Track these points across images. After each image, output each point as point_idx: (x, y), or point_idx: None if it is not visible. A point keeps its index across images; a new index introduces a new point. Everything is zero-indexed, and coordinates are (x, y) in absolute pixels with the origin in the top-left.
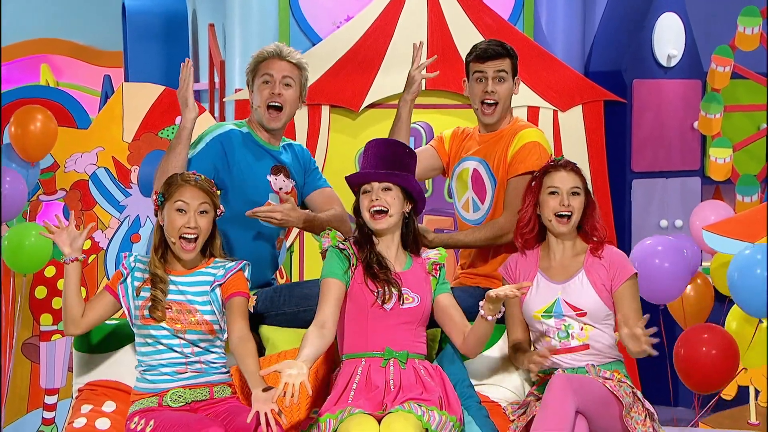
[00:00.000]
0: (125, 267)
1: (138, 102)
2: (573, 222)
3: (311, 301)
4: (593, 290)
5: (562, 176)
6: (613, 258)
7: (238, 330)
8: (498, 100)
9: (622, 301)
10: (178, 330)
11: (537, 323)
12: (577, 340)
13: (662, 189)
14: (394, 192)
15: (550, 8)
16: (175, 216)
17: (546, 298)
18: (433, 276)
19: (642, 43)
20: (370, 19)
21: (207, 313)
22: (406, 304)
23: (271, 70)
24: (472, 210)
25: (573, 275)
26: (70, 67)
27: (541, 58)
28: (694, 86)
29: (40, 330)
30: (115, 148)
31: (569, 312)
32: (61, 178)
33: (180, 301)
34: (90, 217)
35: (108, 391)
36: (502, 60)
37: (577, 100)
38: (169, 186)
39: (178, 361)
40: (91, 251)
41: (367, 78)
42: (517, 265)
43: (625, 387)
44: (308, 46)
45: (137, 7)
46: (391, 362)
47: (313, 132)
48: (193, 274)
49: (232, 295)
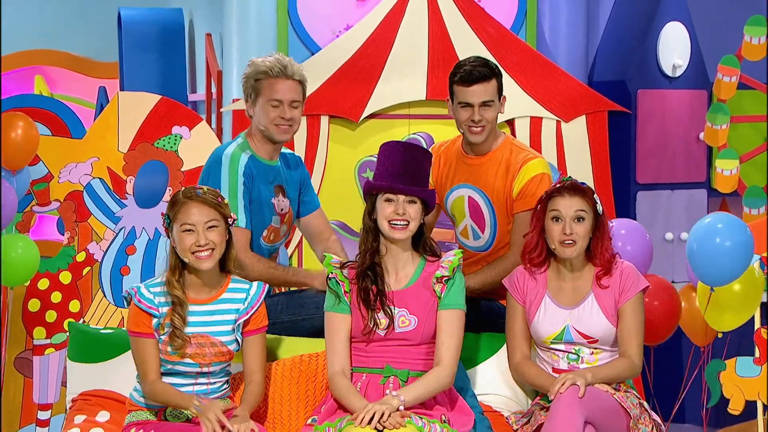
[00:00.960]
0: (152, 307)
1: (134, 111)
2: (578, 248)
3: (310, 309)
4: (603, 316)
5: (565, 202)
6: (623, 273)
7: (253, 372)
8: (485, 125)
9: (622, 317)
10: (204, 364)
11: (545, 347)
12: (587, 364)
13: (667, 201)
14: (418, 205)
15: (553, 17)
16: (184, 236)
17: (555, 324)
18: (437, 294)
19: (647, 52)
20: (370, 28)
21: (230, 343)
22: (401, 328)
23: (279, 95)
24: (472, 237)
25: (582, 300)
26: (65, 79)
27: (543, 68)
28: (699, 96)
29: (33, 344)
30: (110, 158)
31: (580, 340)
32: (55, 188)
33: (204, 334)
34: (85, 228)
35: (102, 401)
36: (487, 83)
37: (580, 111)
38: (173, 205)
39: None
40: (85, 263)
41: (367, 88)
42: (525, 282)
43: (632, 398)
44: (307, 56)
45: (133, 16)
46: (390, 380)
47: (312, 143)
48: (215, 302)
49: (253, 332)
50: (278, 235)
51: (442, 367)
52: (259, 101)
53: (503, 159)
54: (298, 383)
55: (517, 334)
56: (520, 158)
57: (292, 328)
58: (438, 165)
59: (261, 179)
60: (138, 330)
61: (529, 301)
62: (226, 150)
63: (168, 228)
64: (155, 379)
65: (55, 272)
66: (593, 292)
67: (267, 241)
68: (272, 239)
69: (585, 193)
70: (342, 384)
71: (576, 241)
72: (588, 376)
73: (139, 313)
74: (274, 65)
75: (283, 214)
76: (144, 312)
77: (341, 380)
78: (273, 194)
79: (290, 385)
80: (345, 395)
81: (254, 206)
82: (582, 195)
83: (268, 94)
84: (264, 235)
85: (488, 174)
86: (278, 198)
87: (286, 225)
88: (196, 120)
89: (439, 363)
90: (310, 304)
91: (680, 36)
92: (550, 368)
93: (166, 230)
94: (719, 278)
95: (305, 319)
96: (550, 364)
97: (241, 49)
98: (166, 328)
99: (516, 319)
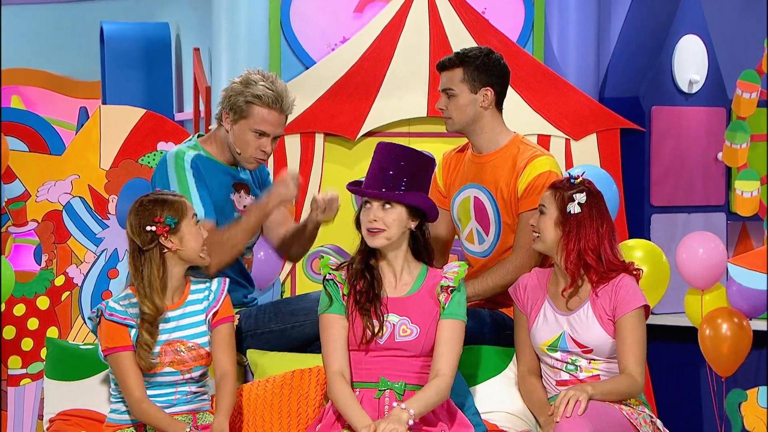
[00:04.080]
0: (126, 318)
1: (117, 126)
2: (539, 242)
3: (299, 317)
4: (598, 324)
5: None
6: (622, 286)
7: (224, 364)
8: (450, 116)
9: (619, 332)
10: (184, 370)
11: (544, 355)
12: (586, 373)
13: (684, 225)
14: (396, 210)
15: (561, 29)
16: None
17: (552, 331)
18: (441, 304)
19: (661, 67)
20: (368, 41)
21: (206, 345)
22: (402, 338)
23: (267, 128)
24: (477, 242)
25: (578, 307)
26: (44, 99)
27: (552, 83)
28: (717, 114)
29: (8, 374)
30: (91, 175)
31: (575, 348)
32: (33, 208)
33: (180, 339)
34: (64, 250)
35: (81, 420)
36: (451, 71)
37: (591, 129)
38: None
39: (167, 396)
40: (64, 288)
41: (364, 104)
42: (526, 289)
43: (644, 415)
44: (301, 70)
45: (116, 31)
46: (386, 393)
47: (306, 162)
48: (183, 305)
49: (220, 321)
50: None
51: (441, 378)
52: (242, 123)
53: (510, 156)
54: (289, 400)
55: (521, 345)
56: (527, 155)
57: (282, 338)
58: (447, 169)
59: (210, 175)
60: (115, 345)
61: (530, 306)
62: (171, 150)
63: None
64: (141, 397)
65: (32, 297)
66: (590, 300)
67: None
68: None
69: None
70: (343, 390)
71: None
72: (589, 389)
73: (114, 327)
74: (269, 94)
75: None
76: (119, 325)
77: (341, 385)
78: (232, 190)
79: (281, 402)
80: (347, 405)
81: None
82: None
83: (256, 123)
84: None
85: (494, 171)
86: (239, 194)
87: None
88: (183, 135)
89: (437, 374)
90: (300, 311)
91: (697, 50)
92: (553, 381)
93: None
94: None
95: (295, 327)
96: (552, 377)
97: (231, 64)
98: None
99: (520, 330)
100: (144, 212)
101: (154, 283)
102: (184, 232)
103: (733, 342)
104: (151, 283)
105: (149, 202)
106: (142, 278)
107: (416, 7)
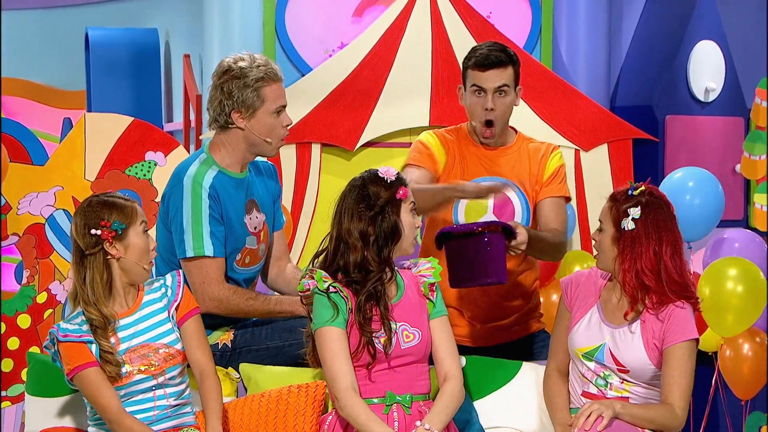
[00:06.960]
0: (82, 335)
1: (103, 135)
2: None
3: (296, 334)
4: (643, 347)
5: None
6: (677, 314)
7: (200, 362)
8: (497, 118)
9: (667, 362)
10: (157, 374)
11: (577, 360)
12: (615, 392)
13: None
14: None
15: (570, 34)
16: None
17: (592, 338)
18: (430, 300)
19: (676, 74)
20: (367, 46)
21: (174, 342)
22: (407, 344)
23: (283, 101)
24: None
25: (627, 323)
26: (26, 110)
27: (560, 91)
28: (735, 124)
29: None
30: (75, 187)
31: (611, 364)
32: (14, 221)
33: (144, 343)
34: (46, 266)
35: None
36: (503, 69)
37: (602, 139)
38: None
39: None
40: (46, 305)
41: (363, 113)
42: (579, 287)
43: None
44: (297, 78)
45: (102, 38)
46: (393, 408)
47: (302, 173)
48: (140, 308)
49: (185, 317)
50: (255, 257)
51: (453, 381)
52: (260, 112)
53: (524, 148)
54: (285, 416)
55: (556, 342)
56: (545, 144)
57: (279, 355)
58: (449, 153)
59: (229, 199)
60: (80, 363)
61: (578, 306)
62: (188, 170)
63: (118, 235)
64: (120, 410)
65: (12, 315)
66: (641, 318)
67: (242, 265)
68: (248, 262)
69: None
70: (360, 405)
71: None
72: (617, 407)
73: (72, 347)
74: (266, 70)
75: (257, 233)
76: (76, 343)
77: (357, 400)
78: (245, 212)
79: (276, 418)
80: (369, 419)
81: (225, 228)
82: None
83: (274, 102)
84: (238, 258)
85: (513, 165)
86: (251, 216)
87: (264, 244)
88: (172, 145)
89: (447, 378)
90: (298, 326)
91: (713, 56)
92: (579, 390)
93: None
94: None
95: (293, 345)
96: (578, 386)
97: None
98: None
99: (561, 325)
100: (91, 213)
101: (97, 290)
102: (131, 240)
103: (754, 363)
104: (94, 290)
105: (98, 203)
106: (84, 283)
107: (418, 11)
